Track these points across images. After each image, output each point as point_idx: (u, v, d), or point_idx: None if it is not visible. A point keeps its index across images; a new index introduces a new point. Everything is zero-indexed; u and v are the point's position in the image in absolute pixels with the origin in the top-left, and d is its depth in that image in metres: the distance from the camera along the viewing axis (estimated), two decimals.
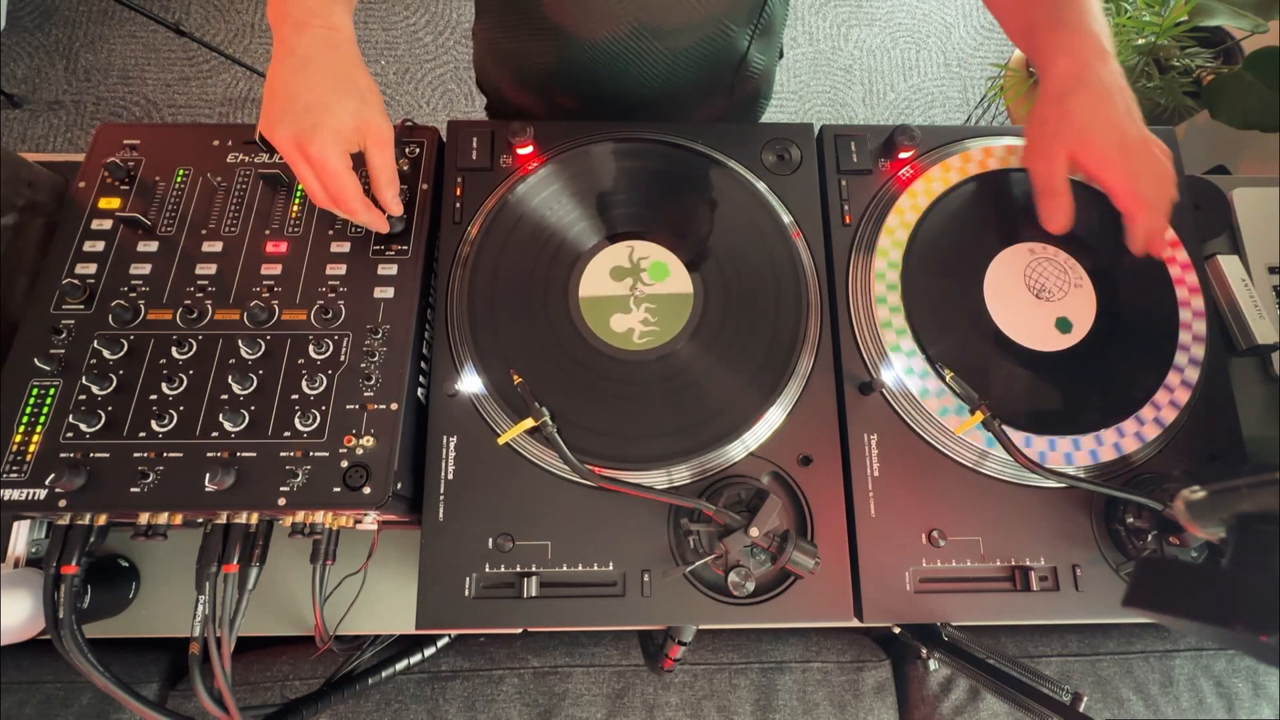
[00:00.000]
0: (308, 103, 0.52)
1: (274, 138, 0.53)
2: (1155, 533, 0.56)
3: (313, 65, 0.53)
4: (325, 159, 0.53)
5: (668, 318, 0.63)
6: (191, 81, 1.99)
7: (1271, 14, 1.11)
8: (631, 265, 0.65)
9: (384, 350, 0.58)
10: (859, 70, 2.11)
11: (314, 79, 0.53)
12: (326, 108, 0.52)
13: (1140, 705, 0.79)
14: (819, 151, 0.70)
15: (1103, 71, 0.58)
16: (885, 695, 0.80)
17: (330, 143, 0.52)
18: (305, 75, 0.53)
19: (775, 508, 0.53)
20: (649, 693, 0.78)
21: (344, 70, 0.55)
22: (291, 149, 0.53)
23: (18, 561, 0.59)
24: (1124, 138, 0.58)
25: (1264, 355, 0.74)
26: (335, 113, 0.53)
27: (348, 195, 0.55)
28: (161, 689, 0.75)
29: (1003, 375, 0.63)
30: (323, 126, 0.52)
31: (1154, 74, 1.28)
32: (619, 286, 0.64)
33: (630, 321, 0.63)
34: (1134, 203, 0.59)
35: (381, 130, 0.56)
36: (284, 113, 0.52)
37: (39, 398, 0.55)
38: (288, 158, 0.54)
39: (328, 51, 0.54)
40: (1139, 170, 0.59)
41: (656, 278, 0.64)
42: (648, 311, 0.63)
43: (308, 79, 0.53)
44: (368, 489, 0.54)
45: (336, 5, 0.56)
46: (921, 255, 0.66)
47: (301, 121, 0.52)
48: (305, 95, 0.52)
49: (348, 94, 0.54)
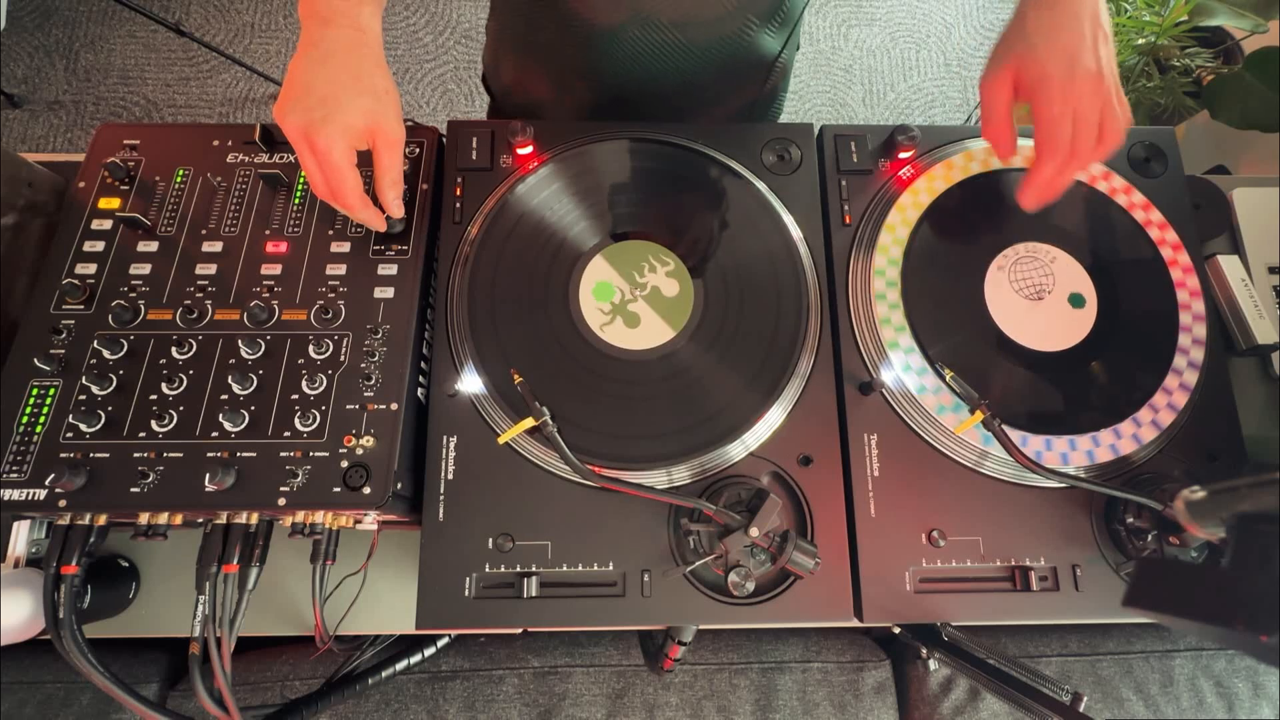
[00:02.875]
0: (322, 95, 0.53)
1: (284, 124, 0.53)
2: (1155, 533, 0.56)
3: (333, 61, 0.54)
4: (330, 151, 0.53)
5: (669, 316, 0.63)
6: (191, 81, 1.99)
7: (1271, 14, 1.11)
8: (631, 265, 0.65)
9: (384, 350, 0.58)
10: (859, 70, 2.11)
11: (333, 74, 0.53)
12: (339, 102, 0.53)
13: (1140, 705, 0.79)
14: (819, 151, 0.70)
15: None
16: (885, 695, 0.80)
17: (338, 136, 0.52)
18: (324, 69, 0.53)
19: (775, 508, 0.53)
20: (649, 693, 0.78)
21: (364, 69, 0.55)
22: (299, 137, 0.53)
23: (18, 561, 0.59)
24: (1074, 66, 0.51)
25: (1264, 355, 0.74)
26: (347, 108, 0.53)
27: (346, 190, 0.55)
28: (161, 689, 0.75)
29: (1002, 375, 0.63)
30: (332, 120, 0.52)
31: (1154, 74, 1.28)
32: (619, 286, 0.64)
33: (631, 321, 0.63)
34: (1049, 143, 0.53)
35: (392, 132, 0.56)
36: (297, 102, 0.52)
37: (39, 398, 0.55)
38: (295, 145, 0.54)
39: (351, 50, 0.54)
40: (1078, 109, 0.51)
41: (656, 277, 0.64)
42: (649, 311, 0.63)
43: (326, 73, 0.53)
44: (368, 489, 0.54)
45: (365, 6, 0.56)
46: (921, 255, 0.66)
47: (313, 112, 0.52)
48: (321, 88, 0.53)
49: (364, 93, 0.54)
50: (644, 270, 0.64)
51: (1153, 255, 0.68)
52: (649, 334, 0.62)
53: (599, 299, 0.63)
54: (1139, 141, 0.72)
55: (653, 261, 0.65)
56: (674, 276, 0.64)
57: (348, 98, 0.53)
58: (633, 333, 0.62)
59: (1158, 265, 0.67)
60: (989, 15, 2.17)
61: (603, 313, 0.63)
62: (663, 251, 0.65)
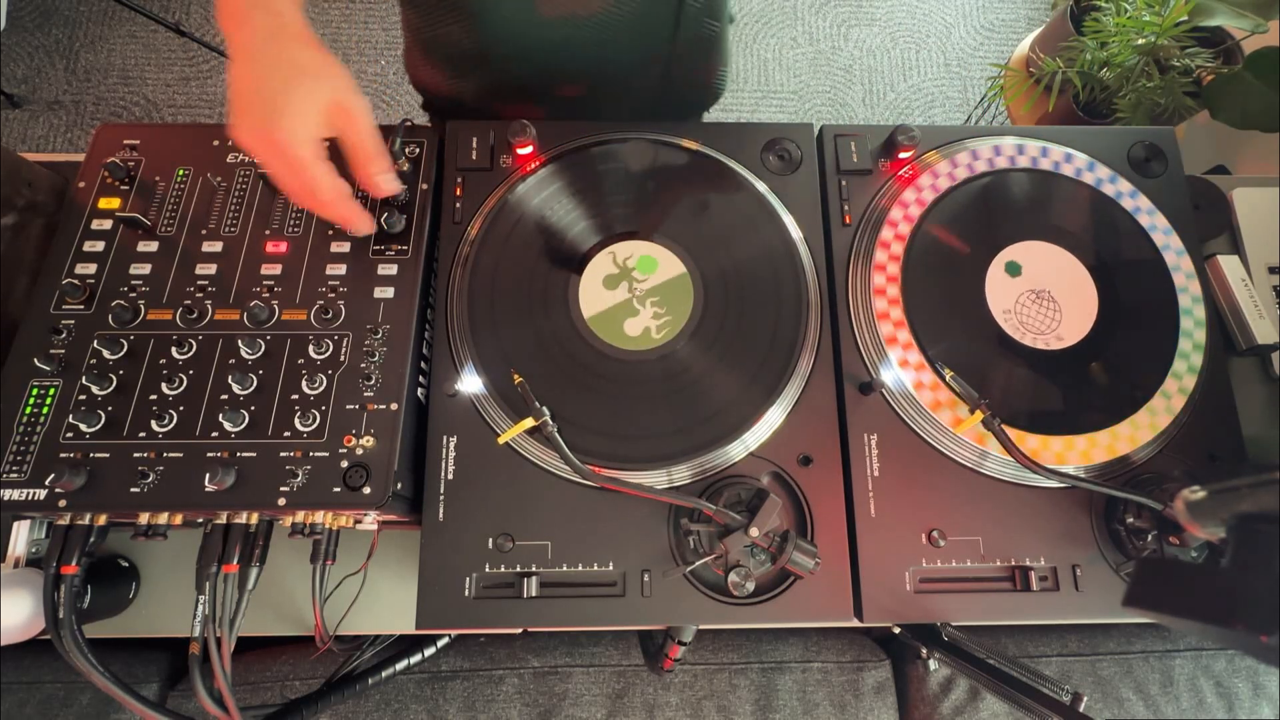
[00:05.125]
0: (265, 95, 0.49)
1: (241, 140, 0.50)
2: (1155, 533, 0.56)
3: (261, 57, 0.50)
4: (290, 145, 0.49)
5: (669, 316, 0.63)
6: (191, 81, 1.99)
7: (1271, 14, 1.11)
8: (631, 265, 0.65)
9: (384, 350, 0.58)
10: (859, 70, 2.11)
11: (265, 70, 0.50)
12: (284, 95, 0.49)
13: (1140, 705, 0.79)
14: (819, 151, 0.70)
15: None
16: (885, 695, 0.80)
17: (296, 129, 0.49)
18: (255, 68, 0.50)
19: (775, 508, 0.53)
20: (649, 693, 0.78)
21: (294, 54, 0.50)
22: (258, 145, 0.49)
23: (18, 561, 0.58)
24: None
25: (1264, 355, 0.74)
26: (294, 97, 0.49)
27: (321, 183, 0.52)
28: (161, 689, 0.75)
29: (1003, 375, 0.63)
30: (282, 113, 0.48)
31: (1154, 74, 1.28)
32: (619, 286, 0.64)
33: (631, 321, 0.63)
34: None
35: (351, 104, 0.52)
36: (244, 112, 0.49)
37: (39, 398, 0.55)
38: (258, 157, 0.51)
39: (274, 39, 0.50)
40: None
41: (655, 277, 0.64)
42: (649, 311, 0.63)
43: (259, 71, 0.49)
44: (368, 489, 0.54)
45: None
46: (921, 255, 0.66)
47: (261, 115, 0.48)
48: (261, 88, 0.49)
49: (304, 76, 0.50)
50: (644, 270, 0.64)
51: (1153, 255, 0.68)
52: (649, 334, 0.62)
53: (599, 299, 0.63)
54: (1139, 141, 0.72)
55: (653, 261, 0.65)
56: (674, 276, 0.64)
57: (290, 87, 0.49)
58: (633, 333, 0.62)
59: (1158, 265, 0.67)
60: (989, 15, 2.17)
61: (602, 312, 0.63)
62: (663, 251, 0.65)
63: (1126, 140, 0.72)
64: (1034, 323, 0.64)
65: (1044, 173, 0.70)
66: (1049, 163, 0.70)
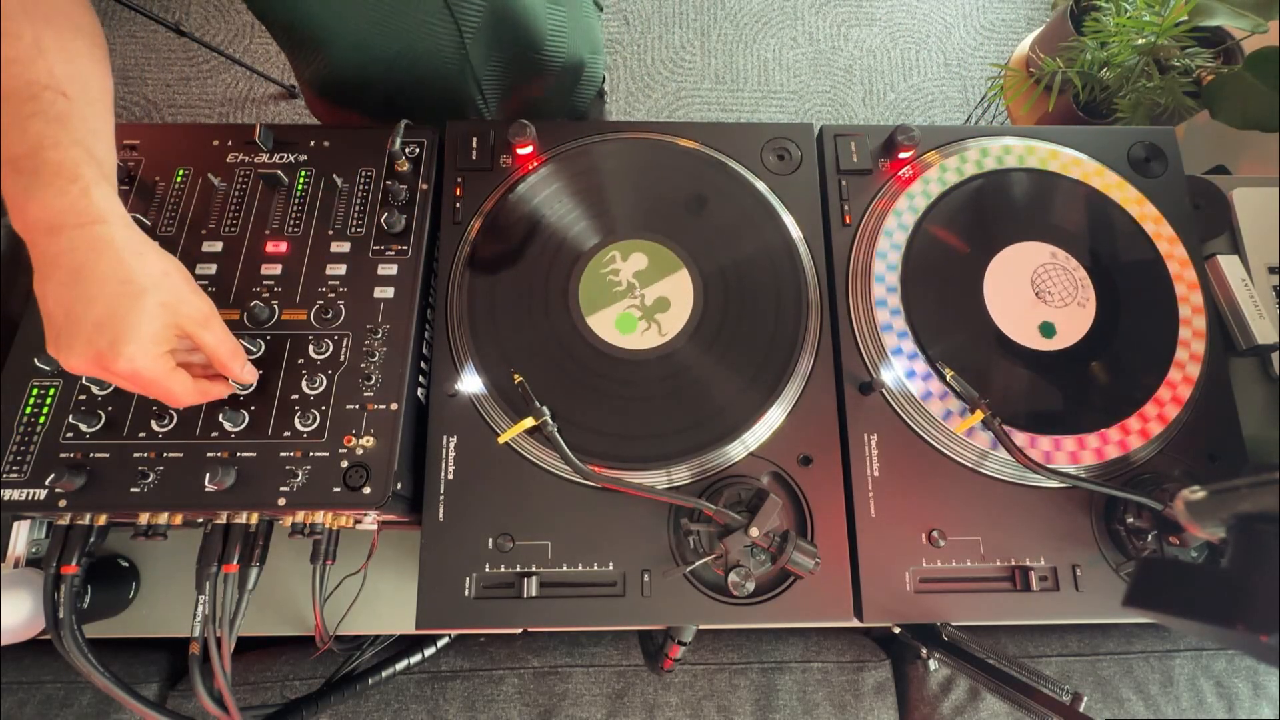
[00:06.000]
0: (96, 320, 0.44)
1: (70, 364, 0.45)
2: (1155, 533, 0.56)
3: (86, 274, 0.44)
4: (137, 373, 0.45)
5: (669, 316, 0.63)
6: (191, 81, 1.99)
7: (1271, 14, 1.11)
8: (631, 265, 0.65)
9: (384, 350, 0.58)
10: (859, 70, 2.11)
11: (93, 290, 0.44)
12: (121, 318, 0.44)
13: (1140, 705, 0.79)
14: (819, 151, 0.70)
15: None
16: (885, 695, 0.80)
17: (138, 356, 0.45)
18: (82, 288, 0.44)
19: (775, 508, 0.53)
20: (649, 693, 0.78)
21: (124, 269, 0.45)
22: (96, 370, 0.45)
23: (18, 561, 0.59)
24: None
25: (1264, 355, 0.74)
26: (132, 320, 0.45)
27: (179, 397, 0.49)
28: (161, 689, 0.75)
29: (1003, 375, 0.63)
30: (122, 341, 0.44)
31: (1154, 74, 1.28)
32: (619, 286, 0.64)
33: (631, 321, 0.63)
34: None
35: (196, 311, 0.48)
36: (74, 336, 0.44)
37: (39, 398, 0.55)
38: (94, 376, 0.48)
39: (97, 253, 0.44)
40: None
41: (655, 276, 0.64)
42: (649, 311, 0.63)
43: (86, 292, 0.44)
44: (368, 489, 0.54)
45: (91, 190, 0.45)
46: (921, 255, 0.66)
47: (96, 343, 0.44)
48: (91, 312, 0.44)
49: (139, 294, 0.45)
50: (644, 270, 0.64)
51: (1153, 255, 0.68)
52: (649, 334, 0.62)
53: (599, 299, 0.63)
54: (1139, 141, 0.72)
55: (653, 261, 0.65)
56: (674, 276, 0.64)
57: (125, 307, 0.45)
58: (633, 332, 0.62)
59: (1158, 265, 0.67)
60: (989, 15, 2.17)
61: (603, 312, 0.63)
62: (663, 251, 0.65)
63: (1126, 140, 0.72)
64: (1059, 291, 0.65)
65: (1044, 173, 0.70)
66: (1048, 163, 0.70)
